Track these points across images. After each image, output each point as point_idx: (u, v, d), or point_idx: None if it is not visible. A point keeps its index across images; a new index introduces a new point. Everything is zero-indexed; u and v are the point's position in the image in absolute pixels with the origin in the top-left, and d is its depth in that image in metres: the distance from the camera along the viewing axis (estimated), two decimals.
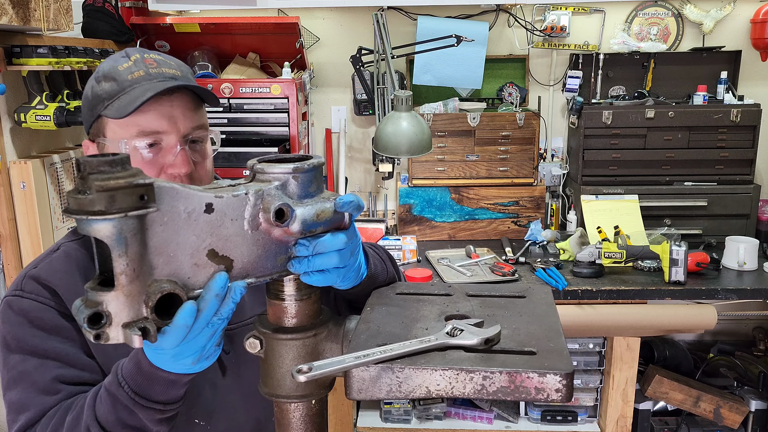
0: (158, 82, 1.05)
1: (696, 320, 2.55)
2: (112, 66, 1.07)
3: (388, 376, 0.70)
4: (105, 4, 2.72)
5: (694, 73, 3.19)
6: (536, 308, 0.87)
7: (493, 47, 3.28)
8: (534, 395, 0.69)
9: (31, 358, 1.00)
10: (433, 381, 0.70)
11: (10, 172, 2.12)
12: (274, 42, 3.10)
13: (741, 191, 3.00)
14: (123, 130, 1.04)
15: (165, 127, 1.05)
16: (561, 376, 0.68)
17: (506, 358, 0.71)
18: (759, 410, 2.85)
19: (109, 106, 1.04)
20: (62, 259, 1.08)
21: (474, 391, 0.69)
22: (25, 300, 1.03)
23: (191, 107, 1.08)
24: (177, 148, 1.05)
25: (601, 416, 2.87)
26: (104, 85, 1.06)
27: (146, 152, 1.05)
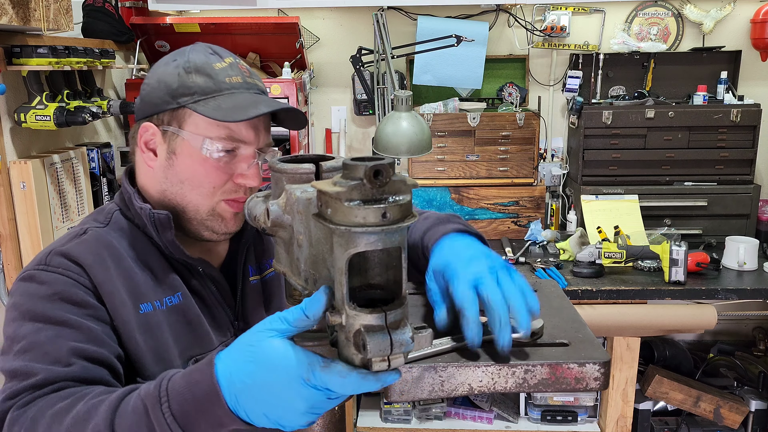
0: (254, 93, 1.06)
1: (696, 320, 2.55)
2: (206, 62, 1.04)
3: (431, 376, 0.69)
4: (105, 4, 2.73)
5: (694, 73, 3.19)
6: (552, 301, 0.88)
7: (493, 47, 3.28)
8: (573, 385, 0.70)
9: (46, 328, 0.91)
10: (475, 378, 0.70)
11: (10, 172, 2.12)
12: (274, 42, 3.11)
13: (741, 191, 3.00)
14: (209, 129, 1.02)
15: (250, 138, 1.05)
16: (599, 365, 0.70)
17: (544, 350, 0.72)
18: (759, 410, 2.85)
19: (203, 102, 1.01)
20: (92, 241, 1.02)
21: (516, 385, 0.70)
22: (50, 273, 0.96)
23: (269, 123, 1.10)
24: (253, 160, 1.05)
25: (601, 416, 2.87)
26: (196, 78, 1.03)
27: (226, 156, 1.04)
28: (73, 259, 0.98)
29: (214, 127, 1.02)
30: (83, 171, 2.44)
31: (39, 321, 0.92)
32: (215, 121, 1.01)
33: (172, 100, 1.03)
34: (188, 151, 1.04)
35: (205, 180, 1.04)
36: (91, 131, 2.72)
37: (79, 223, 1.09)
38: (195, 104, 1.02)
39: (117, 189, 2.69)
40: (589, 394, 2.87)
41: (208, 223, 1.07)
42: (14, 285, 0.99)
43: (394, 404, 2.92)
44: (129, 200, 1.07)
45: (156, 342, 1.00)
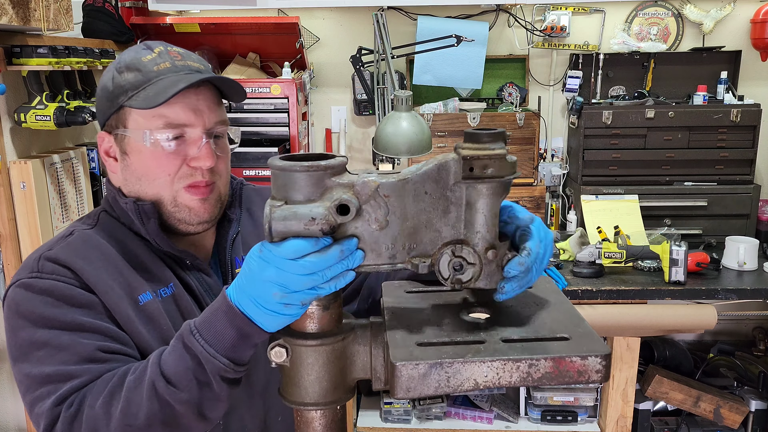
0: (185, 74, 1.05)
1: (696, 320, 2.55)
2: (135, 57, 1.06)
3: (437, 372, 0.71)
4: (105, 4, 2.73)
5: (694, 73, 3.19)
6: (548, 297, 0.89)
7: (493, 47, 3.28)
8: (576, 378, 0.72)
9: (65, 333, 0.94)
10: (480, 373, 0.71)
11: (10, 172, 2.12)
12: (274, 42, 3.11)
13: (741, 191, 3.00)
14: (148, 121, 1.03)
15: (191, 120, 1.04)
16: (600, 357, 0.72)
17: (546, 345, 0.74)
18: (759, 410, 2.85)
19: (134, 96, 1.03)
20: (79, 243, 1.04)
21: (520, 380, 0.71)
22: (45, 281, 0.98)
23: (215, 101, 1.08)
24: (202, 141, 1.05)
25: (601, 416, 2.87)
26: (127, 76, 1.05)
27: (171, 144, 1.04)
28: (62, 263, 1.00)
29: (149, 118, 1.03)
30: (83, 171, 2.44)
31: (54, 327, 0.95)
32: (150, 111, 1.02)
33: (112, 104, 1.06)
34: (136, 148, 1.05)
35: (157, 170, 1.05)
36: (91, 131, 2.72)
37: (67, 227, 1.11)
38: (129, 100, 1.04)
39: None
40: (589, 393, 2.87)
41: (177, 215, 1.07)
42: (10, 293, 1.00)
43: (395, 404, 2.92)
44: (113, 199, 1.10)
45: (160, 330, 1.03)
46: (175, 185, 1.06)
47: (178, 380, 0.84)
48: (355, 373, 0.81)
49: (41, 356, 0.93)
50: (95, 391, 0.89)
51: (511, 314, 0.83)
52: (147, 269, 1.06)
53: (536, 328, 0.79)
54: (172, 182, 1.05)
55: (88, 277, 0.99)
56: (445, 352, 0.73)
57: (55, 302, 0.96)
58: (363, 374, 0.81)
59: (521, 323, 0.81)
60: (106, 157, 1.11)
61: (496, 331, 0.78)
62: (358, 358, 0.81)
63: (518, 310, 0.85)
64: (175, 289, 1.07)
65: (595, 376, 0.72)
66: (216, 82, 1.07)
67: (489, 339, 0.76)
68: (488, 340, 0.75)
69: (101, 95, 1.09)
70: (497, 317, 0.82)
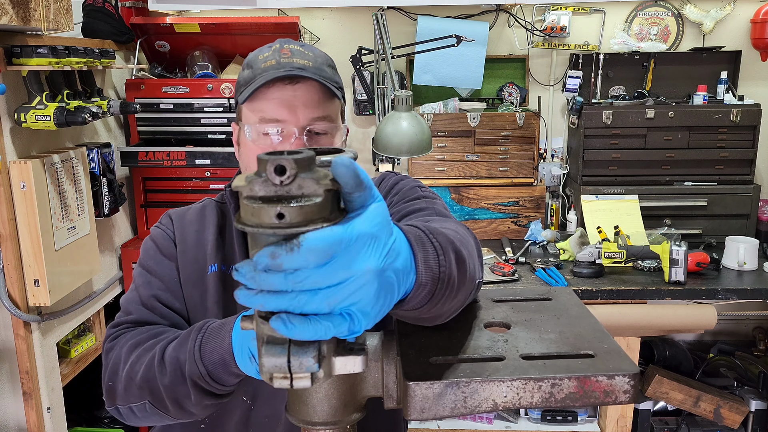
0: (285, 71, 1.07)
1: (696, 320, 2.55)
2: (255, 55, 1.14)
3: (453, 392, 0.66)
4: (105, 4, 2.73)
5: (694, 73, 3.19)
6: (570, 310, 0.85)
7: (493, 47, 3.28)
8: (602, 399, 0.67)
9: (145, 273, 1.15)
10: (500, 393, 0.67)
11: (10, 172, 2.12)
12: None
13: (741, 191, 3.00)
14: (250, 116, 1.10)
15: (284, 116, 1.07)
16: (629, 377, 0.67)
17: (569, 362, 0.69)
18: (759, 410, 2.85)
19: (242, 92, 1.10)
20: (198, 210, 1.21)
21: (542, 400, 0.67)
22: (158, 229, 1.20)
23: (316, 98, 1.09)
24: (293, 137, 1.08)
25: (601, 416, 2.87)
26: (244, 73, 1.13)
27: (266, 138, 1.10)
28: (173, 219, 1.21)
29: (251, 113, 1.10)
30: (83, 171, 2.44)
31: (144, 268, 1.16)
32: (251, 106, 1.09)
33: (237, 97, 1.16)
34: (243, 140, 1.13)
35: (254, 163, 1.10)
36: (91, 131, 2.72)
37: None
38: (239, 95, 1.12)
39: (117, 189, 2.69)
40: None
41: None
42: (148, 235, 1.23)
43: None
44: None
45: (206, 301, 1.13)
46: None
47: (168, 365, 0.93)
48: (366, 390, 0.76)
49: (131, 287, 1.16)
50: (129, 336, 1.04)
51: (531, 328, 0.79)
52: (230, 244, 1.17)
53: (558, 344, 0.74)
54: None
55: (178, 234, 1.18)
56: (461, 370, 0.68)
57: (154, 247, 1.18)
58: (374, 392, 0.77)
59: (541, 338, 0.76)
60: (235, 144, 1.21)
61: (515, 347, 0.73)
62: (369, 375, 0.76)
63: (538, 324, 0.80)
64: None
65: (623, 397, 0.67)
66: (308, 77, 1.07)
67: (508, 356, 0.71)
68: (507, 357, 0.71)
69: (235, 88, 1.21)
70: (516, 331, 0.78)
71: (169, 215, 1.23)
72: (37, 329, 2.27)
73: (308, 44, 1.15)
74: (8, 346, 2.24)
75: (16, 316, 2.17)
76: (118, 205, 2.69)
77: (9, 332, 2.23)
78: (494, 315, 0.85)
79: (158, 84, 2.88)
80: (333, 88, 1.10)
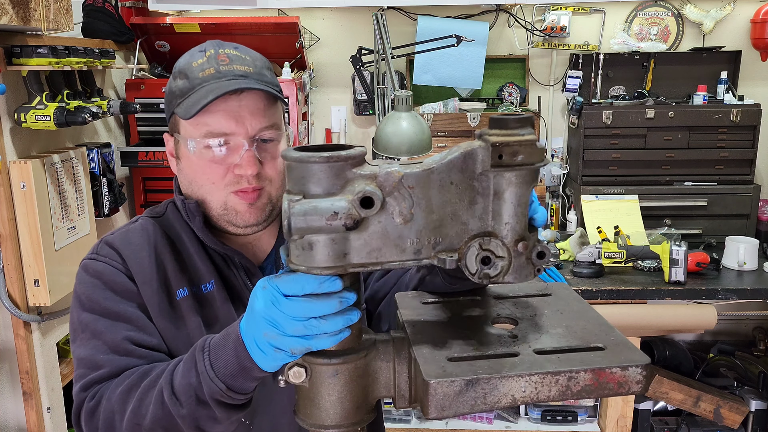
0: (227, 80, 1.03)
1: (696, 320, 2.55)
2: (188, 62, 1.07)
3: (473, 389, 0.67)
4: (105, 4, 2.73)
5: (694, 73, 3.19)
6: (570, 305, 0.87)
7: (493, 47, 3.28)
8: (615, 389, 0.69)
9: (102, 319, 1.02)
10: (518, 388, 0.67)
11: (10, 172, 2.12)
12: (274, 42, 3.10)
13: (741, 191, 3.00)
14: (193, 129, 1.05)
15: (232, 128, 1.03)
16: (641, 368, 0.69)
17: (582, 355, 0.71)
18: (759, 410, 2.85)
19: (180, 104, 1.05)
20: (138, 231, 1.10)
21: (559, 393, 0.68)
22: (99, 263, 1.06)
23: (261, 106, 1.06)
24: (243, 148, 1.04)
25: (601, 416, 2.87)
26: (178, 82, 1.07)
27: (213, 152, 1.04)
28: (116, 248, 1.07)
29: (194, 126, 1.04)
30: (83, 171, 2.44)
31: (95, 312, 1.03)
32: (193, 119, 1.03)
33: (169, 107, 1.09)
34: (185, 154, 1.08)
35: (203, 177, 1.06)
36: (91, 131, 2.72)
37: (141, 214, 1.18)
38: (177, 108, 1.05)
39: (117, 189, 2.69)
40: None
41: (226, 217, 1.08)
42: (78, 270, 1.09)
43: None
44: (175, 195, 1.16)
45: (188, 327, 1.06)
46: (222, 191, 1.06)
47: (180, 394, 0.86)
48: (378, 391, 0.76)
49: (82, 338, 1.02)
50: (115, 385, 0.95)
51: (538, 324, 0.79)
52: (192, 263, 1.09)
53: (567, 338, 0.75)
54: (218, 189, 1.06)
55: (131, 265, 1.05)
56: (479, 366, 0.68)
57: (101, 285, 1.04)
58: (386, 392, 0.76)
59: (550, 333, 0.77)
60: (170, 157, 1.15)
61: (527, 342, 0.74)
62: (381, 376, 0.76)
63: (544, 319, 0.81)
64: (214, 286, 1.08)
65: (635, 387, 0.69)
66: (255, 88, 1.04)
67: (522, 351, 0.72)
68: (522, 352, 0.71)
69: (166, 97, 1.12)
70: (524, 327, 0.79)
71: (108, 244, 1.08)
72: (37, 329, 2.27)
73: (241, 45, 1.10)
74: (8, 346, 2.24)
75: (16, 316, 2.17)
76: (118, 205, 2.69)
77: (9, 332, 2.23)
78: (499, 311, 0.85)
79: (158, 84, 2.88)
80: (276, 93, 1.06)
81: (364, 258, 0.71)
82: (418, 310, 0.87)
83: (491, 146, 0.69)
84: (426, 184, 0.70)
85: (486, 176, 0.70)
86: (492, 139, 0.69)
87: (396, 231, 0.71)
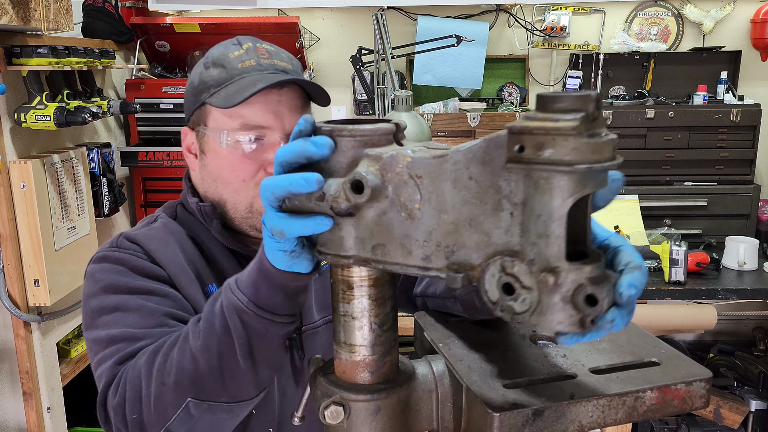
0: (269, 73, 1.00)
1: (696, 320, 2.55)
2: (223, 53, 1.03)
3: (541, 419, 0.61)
4: (105, 4, 2.73)
5: (694, 73, 3.19)
6: None
7: (493, 47, 3.28)
8: (680, 406, 0.65)
9: (133, 297, 0.93)
10: (586, 414, 0.62)
11: (10, 172, 2.12)
12: (274, 42, 3.07)
13: (741, 191, 3.00)
14: (227, 121, 1.00)
15: (270, 122, 1.00)
16: (704, 382, 0.66)
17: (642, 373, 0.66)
18: (759, 410, 2.85)
19: (216, 93, 1.00)
20: (160, 228, 1.05)
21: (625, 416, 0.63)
22: (122, 253, 0.99)
23: (299, 104, 1.03)
24: (279, 145, 0.98)
25: None
26: (212, 72, 1.02)
27: (247, 147, 0.99)
28: (139, 242, 1.00)
29: (228, 117, 1.00)
30: (83, 171, 2.44)
31: (124, 292, 0.94)
32: (229, 111, 0.98)
33: (196, 99, 1.03)
34: (213, 148, 1.02)
35: (232, 175, 1.01)
36: (91, 131, 2.72)
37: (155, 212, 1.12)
38: (211, 97, 1.00)
39: (117, 189, 2.69)
40: None
41: (250, 220, 1.03)
42: (88, 268, 1.00)
43: None
44: (184, 197, 1.09)
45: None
46: (251, 191, 1.01)
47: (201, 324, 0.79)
48: (420, 425, 0.68)
49: (109, 320, 0.92)
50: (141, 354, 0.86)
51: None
52: (217, 262, 1.04)
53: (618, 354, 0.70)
54: (246, 188, 1.01)
55: (160, 258, 0.99)
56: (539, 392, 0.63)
57: (126, 271, 0.96)
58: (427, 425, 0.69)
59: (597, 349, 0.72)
60: (187, 153, 1.09)
61: (579, 361, 0.68)
62: (423, 408, 0.68)
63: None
64: None
65: (699, 402, 0.65)
66: (300, 83, 1.03)
67: (578, 372, 0.67)
68: (577, 373, 0.66)
69: (188, 90, 1.06)
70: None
71: (130, 239, 1.01)
72: (37, 329, 2.27)
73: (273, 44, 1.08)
74: (8, 346, 2.24)
75: (16, 316, 2.17)
76: (118, 205, 2.69)
77: (9, 332, 2.23)
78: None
79: (158, 84, 2.88)
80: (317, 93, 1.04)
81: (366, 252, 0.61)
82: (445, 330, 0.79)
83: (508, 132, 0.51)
84: (437, 176, 0.56)
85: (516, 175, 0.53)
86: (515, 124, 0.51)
87: (402, 228, 0.59)
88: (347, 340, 0.65)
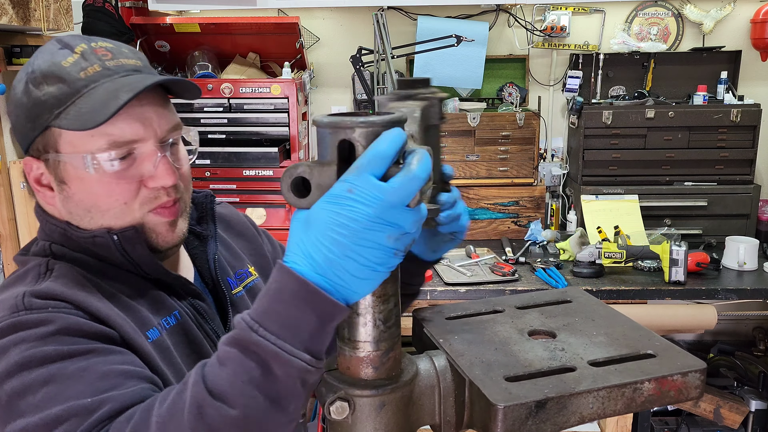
0: (121, 77, 0.86)
1: (696, 320, 2.55)
2: (52, 62, 0.85)
3: (543, 410, 0.63)
4: (105, 4, 2.73)
5: (694, 73, 3.19)
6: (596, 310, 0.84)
7: (493, 47, 3.28)
8: (676, 397, 0.67)
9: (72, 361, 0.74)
10: (587, 405, 0.64)
11: (10, 172, 2.12)
12: (274, 42, 3.11)
13: (741, 191, 3.00)
14: (87, 142, 0.84)
15: (141, 134, 0.86)
16: (699, 372, 0.68)
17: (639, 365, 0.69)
18: (759, 410, 2.85)
19: (62, 114, 0.83)
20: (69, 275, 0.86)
21: (624, 407, 0.66)
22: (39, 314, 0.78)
23: (162, 101, 0.90)
24: (157, 156, 0.87)
25: None
26: (48, 89, 0.84)
27: (119, 165, 0.86)
28: (59, 296, 0.81)
29: (89, 138, 0.84)
30: None
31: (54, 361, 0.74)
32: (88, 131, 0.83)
33: (35, 124, 0.86)
34: (77, 175, 0.86)
35: (110, 200, 0.87)
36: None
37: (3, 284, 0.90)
38: (56, 120, 0.84)
39: None
40: None
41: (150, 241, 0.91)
42: None
43: None
44: (62, 235, 0.91)
45: (174, 365, 0.89)
46: (136, 212, 0.89)
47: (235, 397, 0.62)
48: (422, 420, 0.69)
49: (39, 400, 0.72)
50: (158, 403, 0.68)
51: (577, 333, 0.77)
52: (146, 299, 0.90)
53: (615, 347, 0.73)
54: (131, 210, 0.88)
55: (97, 309, 0.81)
56: (543, 385, 0.65)
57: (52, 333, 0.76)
58: (429, 420, 0.69)
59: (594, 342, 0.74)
60: (38, 187, 0.91)
61: (577, 355, 0.70)
62: (425, 403, 0.69)
63: (580, 328, 0.78)
64: (180, 317, 0.93)
65: (694, 393, 0.68)
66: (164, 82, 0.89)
67: (577, 365, 0.69)
68: (577, 366, 0.68)
69: (17, 112, 0.88)
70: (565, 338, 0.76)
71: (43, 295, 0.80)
72: None
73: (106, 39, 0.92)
74: None
75: None
76: None
77: None
78: (529, 322, 0.81)
79: None
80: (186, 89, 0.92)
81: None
82: (446, 326, 0.80)
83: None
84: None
85: None
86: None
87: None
88: (351, 337, 0.65)
